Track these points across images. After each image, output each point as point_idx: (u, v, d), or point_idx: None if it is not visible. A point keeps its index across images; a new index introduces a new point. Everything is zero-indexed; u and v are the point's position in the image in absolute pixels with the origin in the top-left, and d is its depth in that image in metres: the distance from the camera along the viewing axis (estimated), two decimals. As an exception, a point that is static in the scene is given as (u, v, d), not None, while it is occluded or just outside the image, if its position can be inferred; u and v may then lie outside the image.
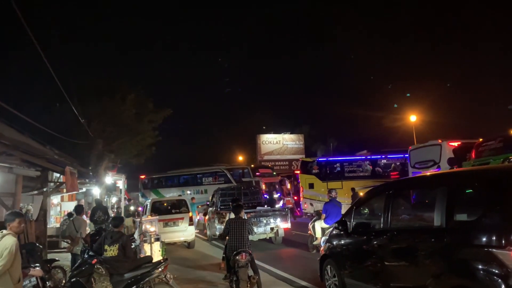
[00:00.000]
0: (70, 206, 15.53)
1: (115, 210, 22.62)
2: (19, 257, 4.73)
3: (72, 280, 6.63)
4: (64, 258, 10.18)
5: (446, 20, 61.62)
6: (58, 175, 11.91)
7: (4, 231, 4.61)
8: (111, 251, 6.51)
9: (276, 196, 26.26)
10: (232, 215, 8.30)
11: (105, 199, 18.57)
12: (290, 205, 26.03)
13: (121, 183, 21.78)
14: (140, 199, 30.97)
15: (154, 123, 21.26)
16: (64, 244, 12.50)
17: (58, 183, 11.73)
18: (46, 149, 8.27)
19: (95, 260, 6.75)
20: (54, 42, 11.85)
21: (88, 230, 11.53)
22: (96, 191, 16.73)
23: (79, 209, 10.01)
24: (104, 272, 7.38)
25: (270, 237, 13.91)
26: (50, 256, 9.70)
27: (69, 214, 11.46)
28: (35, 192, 10.51)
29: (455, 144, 14.44)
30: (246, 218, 8.39)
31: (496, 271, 3.84)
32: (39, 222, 9.71)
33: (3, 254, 4.42)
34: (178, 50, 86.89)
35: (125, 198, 24.43)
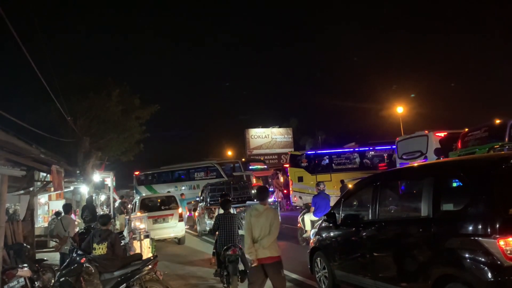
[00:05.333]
0: (58, 205, 15.37)
1: (104, 208, 22.45)
2: None
3: (61, 279, 6.59)
4: (52, 258, 10.10)
5: (432, 10, 62.08)
6: (44, 174, 11.77)
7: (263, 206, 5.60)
8: (100, 249, 6.46)
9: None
10: (221, 211, 8.31)
11: (93, 197, 18.41)
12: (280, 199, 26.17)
13: (109, 181, 21.60)
14: (135, 195, 30.64)
15: (141, 119, 21.10)
16: (52, 244, 12.39)
17: (45, 182, 11.60)
18: (31, 148, 8.16)
19: (84, 259, 6.71)
20: (37, 37, 11.65)
21: (77, 228, 11.45)
22: (84, 189, 16.57)
23: (67, 208, 9.91)
24: (93, 271, 7.34)
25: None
26: (38, 256, 9.60)
27: (57, 213, 11.36)
28: (22, 192, 10.38)
29: (442, 134, 14.57)
30: (235, 212, 8.39)
31: (483, 260, 3.90)
32: (26, 222, 9.60)
33: (274, 223, 5.45)
34: (164, 45, 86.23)
35: (121, 196, 24.28)
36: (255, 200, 15.47)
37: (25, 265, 6.73)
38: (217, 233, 7.79)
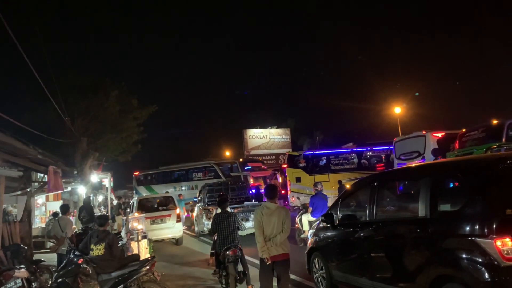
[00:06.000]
0: (55, 206, 15.32)
1: (102, 209, 22.40)
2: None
3: (58, 280, 6.56)
4: (50, 259, 10.07)
5: (430, 11, 62.19)
6: (42, 174, 11.73)
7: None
8: (97, 250, 6.44)
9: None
10: (219, 210, 8.31)
11: (91, 198, 18.37)
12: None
13: (107, 181, 21.57)
14: (135, 195, 30.52)
15: (139, 119, 21.06)
16: (50, 245, 12.36)
17: (42, 183, 11.57)
18: (29, 149, 8.14)
19: (82, 259, 6.68)
20: (35, 38, 11.63)
21: (75, 229, 11.41)
22: (81, 190, 16.54)
23: (64, 209, 9.87)
24: (90, 272, 7.31)
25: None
26: (36, 256, 9.57)
27: (55, 214, 11.31)
28: (19, 192, 10.34)
29: (439, 135, 14.60)
30: (233, 211, 8.33)
31: (480, 260, 3.91)
32: (24, 223, 9.57)
33: (286, 221, 5.51)
34: (162, 46, 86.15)
35: (119, 197, 24.21)
36: (253, 200, 15.57)
37: (22, 266, 6.69)
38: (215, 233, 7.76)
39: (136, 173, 30.77)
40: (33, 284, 7.02)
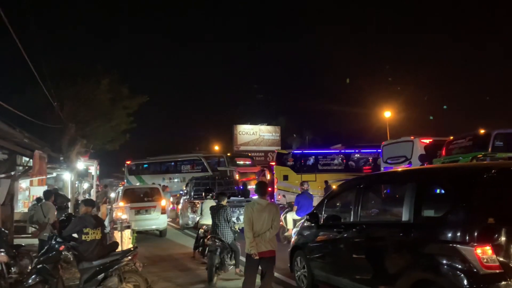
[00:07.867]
0: (39, 191, 15.12)
1: (86, 197, 22.20)
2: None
3: (38, 266, 6.48)
4: (31, 244, 9.96)
5: (424, 15, 62.64)
6: (27, 158, 11.57)
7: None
8: (94, 234, 6.40)
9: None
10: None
11: (76, 185, 18.20)
12: None
13: (93, 169, 21.39)
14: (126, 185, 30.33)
15: (129, 109, 20.89)
16: (31, 230, 12.21)
17: (27, 167, 11.41)
18: (15, 132, 8.02)
19: (63, 246, 6.61)
20: (25, 19, 11.43)
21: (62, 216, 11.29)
22: (67, 176, 16.36)
23: (47, 194, 9.77)
24: (71, 259, 7.25)
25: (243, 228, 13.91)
26: (17, 241, 9.47)
27: (38, 199, 11.19)
28: (2, 175, 10.19)
29: (427, 141, 14.73)
30: (225, 205, 8.44)
31: (460, 267, 3.95)
32: (6, 207, 9.45)
33: (276, 218, 5.67)
34: (155, 38, 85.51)
35: (105, 185, 24.02)
36: (239, 196, 15.57)
37: (2, 250, 6.61)
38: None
39: (128, 162, 30.48)
40: (12, 268, 6.95)
